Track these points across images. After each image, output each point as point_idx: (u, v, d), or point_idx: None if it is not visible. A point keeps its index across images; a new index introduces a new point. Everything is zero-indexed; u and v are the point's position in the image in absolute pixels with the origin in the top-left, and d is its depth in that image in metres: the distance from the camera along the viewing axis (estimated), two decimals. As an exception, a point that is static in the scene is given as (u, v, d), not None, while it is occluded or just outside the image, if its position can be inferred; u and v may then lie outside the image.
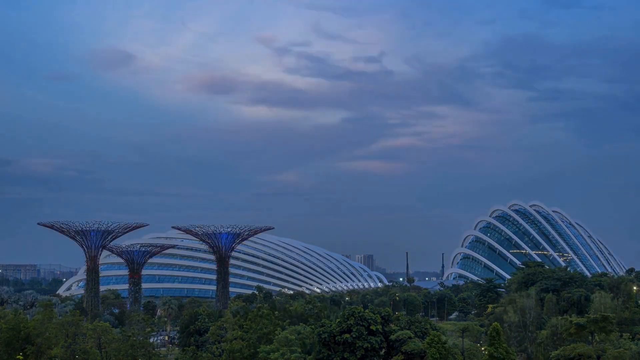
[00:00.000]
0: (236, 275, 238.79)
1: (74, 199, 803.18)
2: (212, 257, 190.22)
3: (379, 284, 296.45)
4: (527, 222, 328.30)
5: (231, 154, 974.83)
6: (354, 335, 76.08)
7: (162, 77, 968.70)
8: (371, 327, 77.20)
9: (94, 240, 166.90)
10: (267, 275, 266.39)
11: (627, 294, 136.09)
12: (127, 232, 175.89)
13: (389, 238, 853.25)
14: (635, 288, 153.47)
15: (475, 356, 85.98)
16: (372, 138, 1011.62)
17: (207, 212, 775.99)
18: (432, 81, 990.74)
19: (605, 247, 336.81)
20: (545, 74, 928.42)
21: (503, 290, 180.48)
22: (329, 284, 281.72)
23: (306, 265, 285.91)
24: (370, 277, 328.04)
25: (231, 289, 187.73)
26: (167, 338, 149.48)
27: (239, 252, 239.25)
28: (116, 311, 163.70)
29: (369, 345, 76.01)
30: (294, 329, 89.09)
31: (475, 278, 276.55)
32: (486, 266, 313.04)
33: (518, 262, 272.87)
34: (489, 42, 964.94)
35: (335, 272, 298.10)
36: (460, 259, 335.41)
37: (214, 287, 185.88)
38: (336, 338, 76.51)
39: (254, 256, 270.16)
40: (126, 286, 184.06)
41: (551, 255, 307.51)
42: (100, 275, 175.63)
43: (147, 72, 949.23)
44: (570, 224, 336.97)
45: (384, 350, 78.51)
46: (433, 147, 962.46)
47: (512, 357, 69.33)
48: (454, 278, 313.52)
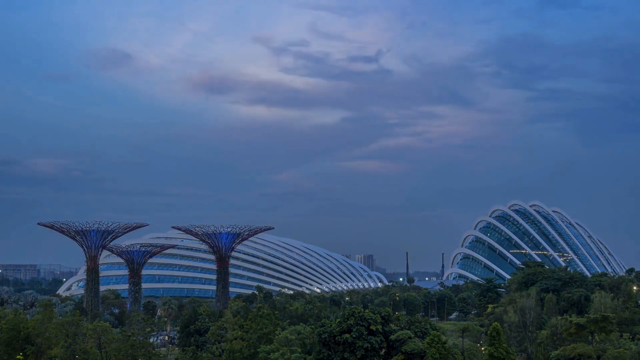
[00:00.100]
0: (236, 275, 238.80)
1: (74, 199, 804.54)
2: (212, 257, 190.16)
3: (379, 284, 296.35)
4: (527, 222, 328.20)
5: (231, 154, 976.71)
6: (354, 335, 76.05)
7: (160, 76, 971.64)
8: (371, 327, 77.16)
9: (94, 240, 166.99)
10: (267, 275, 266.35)
11: (627, 294, 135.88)
12: (127, 232, 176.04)
13: (389, 238, 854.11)
14: (635, 288, 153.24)
15: (475, 356, 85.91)
16: (372, 138, 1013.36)
17: (207, 212, 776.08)
18: (431, 81, 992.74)
19: (605, 247, 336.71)
20: (543, 74, 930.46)
21: (503, 290, 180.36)
22: (329, 284, 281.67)
23: (306, 265, 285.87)
24: (370, 277, 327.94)
25: (231, 289, 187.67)
26: (167, 338, 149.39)
27: (239, 252, 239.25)
28: (116, 311, 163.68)
29: (369, 345, 75.98)
30: (294, 329, 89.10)
31: (475, 278, 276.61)
32: (486, 266, 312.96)
33: (518, 262, 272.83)
34: (487, 41, 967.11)
35: (335, 272, 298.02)
36: (460, 259, 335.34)
37: (214, 287, 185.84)
38: (336, 338, 76.48)
39: (254, 256, 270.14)
40: (126, 286, 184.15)
41: (551, 255, 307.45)
42: (100, 275, 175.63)
43: (145, 71, 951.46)
44: (570, 224, 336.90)
45: (384, 350, 78.46)
46: (432, 147, 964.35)
47: (512, 357, 69.26)
48: (454, 278, 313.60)
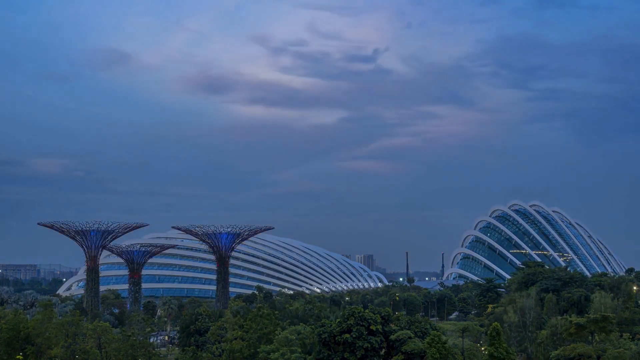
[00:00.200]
0: (236, 275, 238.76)
1: (74, 199, 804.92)
2: (212, 257, 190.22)
3: (379, 284, 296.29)
4: (527, 222, 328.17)
5: (230, 154, 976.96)
6: (354, 335, 76.06)
7: (158, 76, 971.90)
8: (371, 327, 77.16)
9: (94, 240, 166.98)
10: (267, 275, 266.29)
11: (627, 294, 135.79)
12: (127, 232, 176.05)
13: (389, 238, 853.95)
14: (635, 288, 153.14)
15: (475, 356, 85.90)
16: (371, 138, 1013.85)
17: (207, 212, 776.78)
18: (430, 81, 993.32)
19: (605, 247, 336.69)
20: (542, 74, 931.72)
21: (503, 290, 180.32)
22: (329, 284, 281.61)
23: (306, 265, 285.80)
24: (370, 277, 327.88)
25: (231, 289, 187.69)
26: (167, 338, 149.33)
27: (239, 252, 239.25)
28: (116, 311, 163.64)
29: (369, 345, 75.98)
30: (294, 329, 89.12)
31: (475, 278, 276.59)
32: (486, 266, 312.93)
33: (518, 262, 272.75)
34: (486, 41, 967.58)
35: (335, 272, 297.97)
36: (460, 259, 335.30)
37: (214, 287, 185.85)
38: (336, 338, 76.49)
39: (254, 256, 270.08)
40: (126, 286, 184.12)
41: (551, 255, 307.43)
42: (100, 275, 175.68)
43: (143, 71, 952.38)
44: (570, 224, 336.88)
45: (384, 350, 78.47)
46: (431, 146, 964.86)
47: (512, 357, 69.27)
48: (454, 278, 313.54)
